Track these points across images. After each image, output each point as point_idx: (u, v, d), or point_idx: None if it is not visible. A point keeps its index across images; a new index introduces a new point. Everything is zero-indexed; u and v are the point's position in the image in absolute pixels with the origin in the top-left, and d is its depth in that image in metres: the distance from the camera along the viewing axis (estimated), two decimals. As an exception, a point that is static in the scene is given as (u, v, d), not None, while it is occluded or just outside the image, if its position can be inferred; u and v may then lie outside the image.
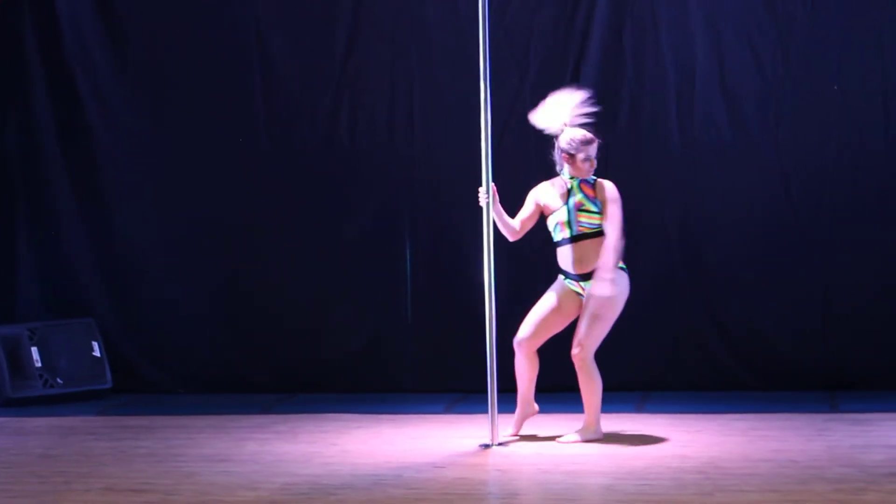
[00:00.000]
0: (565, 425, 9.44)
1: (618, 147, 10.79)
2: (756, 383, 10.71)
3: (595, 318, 9.09)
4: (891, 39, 10.60)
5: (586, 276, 9.12)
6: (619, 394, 10.41)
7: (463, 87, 9.60)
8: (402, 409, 10.32)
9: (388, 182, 10.99)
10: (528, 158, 10.57)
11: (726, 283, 10.79)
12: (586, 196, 9.16)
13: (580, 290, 9.17)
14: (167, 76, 11.17)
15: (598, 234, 9.10)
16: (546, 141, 10.67)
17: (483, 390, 9.13)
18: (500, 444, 9.06)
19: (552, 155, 9.27)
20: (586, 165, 9.20)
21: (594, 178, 9.23)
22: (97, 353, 11.07)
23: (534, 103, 10.63)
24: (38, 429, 10.02)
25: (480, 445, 9.09)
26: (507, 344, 9.27)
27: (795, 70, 10.70)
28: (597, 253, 9.05)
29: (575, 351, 9.10)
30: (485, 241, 9.05)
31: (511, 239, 9.28)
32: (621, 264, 9.09)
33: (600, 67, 10.80)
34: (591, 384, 9.17)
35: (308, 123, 11.10)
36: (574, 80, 10.75)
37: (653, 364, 10.76)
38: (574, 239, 9.14)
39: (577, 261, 9.15)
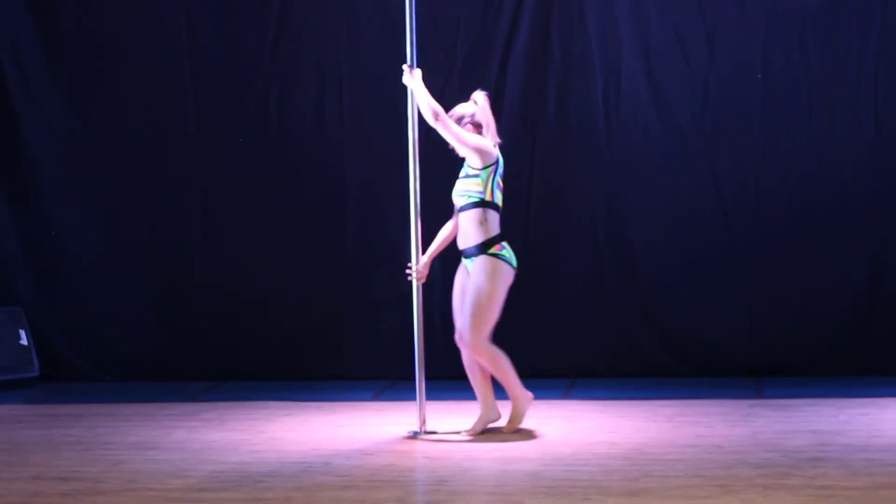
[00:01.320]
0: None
1: (545, 139, 10.84)
2: (682, 370, 10.77)
3: (472, 304, 8.78)
4: (813, 31, 10.67)
5: (465, 253, 8.92)
6: (546, 380, 10.47)
7: (391, 77, 9.57)
8: (330, 398, 10.32)
9: (317, 170, 10.97)
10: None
11: (653, 272, 10.84)
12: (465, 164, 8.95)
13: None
14: (96, 63, 11.11)
15: (473, 205, 8.79)
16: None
17: (412, 377, 9.12)
18: (427, 431, 9.06)
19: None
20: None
21: None
22: (24, 342, 11.02)
23: (461, 94, 10.65)
24: (-36, 417, 10.01)
25: (409, 433, 9.09)
26: (438, 331, 9.30)
27: (720, 58, 10.74)
28: (472, 228, 8.78)
29: (458, 337, 8.91)
30: (412, 222, 9.01)
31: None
32: (502, 251, 8.79)
33: (527, 59, 10.81)
34: (495, 365, 8.93)
35: (237, 111, 11.06)
36: (501, 72, 10.80)
37: (579, 351, 10.80)
38: (458, 211, 8.94)
39: (460, 235, 8.92)
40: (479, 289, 8.78)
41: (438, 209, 9.24)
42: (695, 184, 10.79)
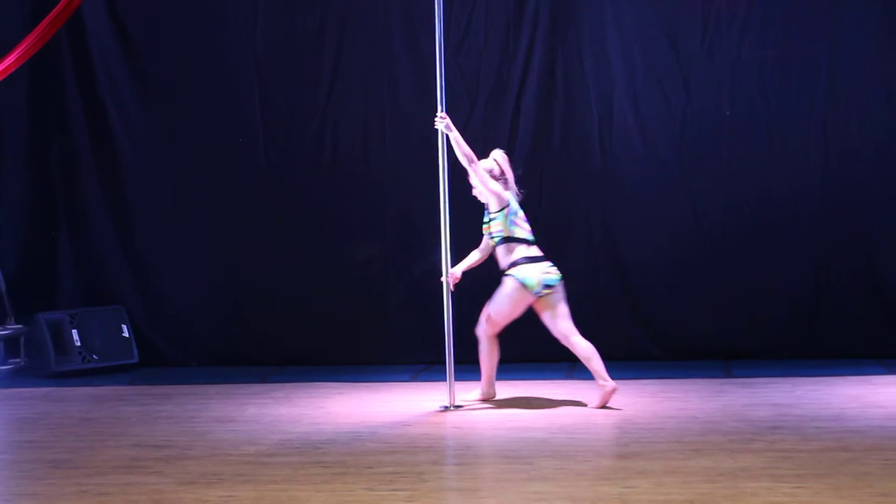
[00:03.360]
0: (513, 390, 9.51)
1: (551, 164, 10.83)
2: (663, 354, 10.73)
3: (495, 303, 9.05)
4: (770, 74, 10.65)
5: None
6: (552, 364, 10.43)
7: (424, 113, 9.59)
8: (375, 378, 10.30)
9: (364, 190, 10.97)
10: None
11: (639, 273, 10.78)
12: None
13: None
14: (180, 104, 11.10)
15: (501, 241, 9.05)
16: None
17: (443, 362, 9.16)
18: (456, 406, 9.08)
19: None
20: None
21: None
22: (126, 334, 11.03)
23: (483, 129, 10.73)
24: (78, 396, 10.00)
25: (441, 407, 9.11)
26: (463, 322, 9.30)
27: (695, 98, 10.72)
28: (502, 256, 9.05)
29: (479, 324, 9.14)
30: (442, 236, 9.05)
31: None
32: (517, 272, 8.97)
33: (537, 97, 10.80)
34: (488, 353, 9.13)
35: (297, 143, 11.07)
36: (515, 110, 10.81)
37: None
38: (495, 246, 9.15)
39: (498, 260, 9.15)
40: (500, 296, 9.00)
41: (462, 226, 9.31)
42: (673, 201, 10.76)
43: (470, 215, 9.33)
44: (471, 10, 10.82)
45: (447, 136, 8.99)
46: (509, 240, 9.03)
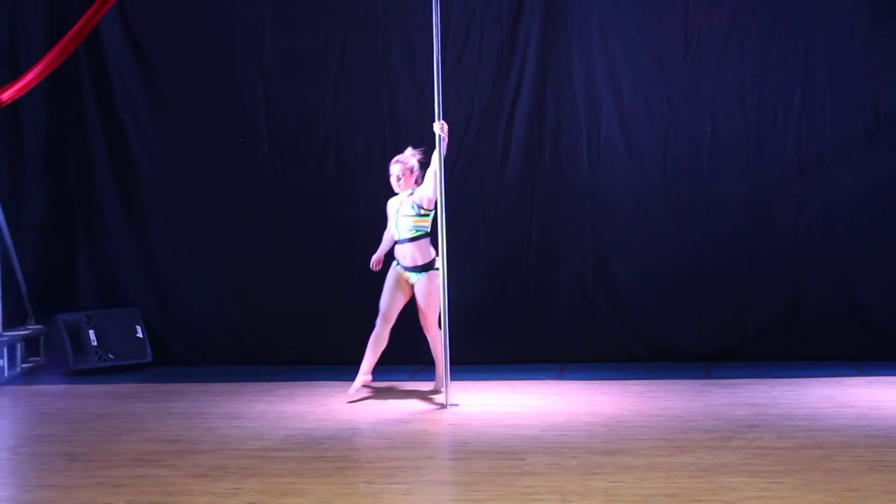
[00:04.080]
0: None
1: (542, 176, 10.82)
2: (648, 356, 10.72)
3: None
4: (750, 90, 10.64)
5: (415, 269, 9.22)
6: (543, 364, 10.45)
7: (423, 127, 9.59)
8: (375, 378, 10.26)
9: (366, 196, 10.91)
10: (475, 183, 10.70)
11: (625, 281, 10.76)
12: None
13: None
14: (192, 117, 11.08)
15: (423, 236, 9.17)
16: (493, 170, 10.80)
17: (439, 362, 9.16)
18: (452, 405, 9.07)
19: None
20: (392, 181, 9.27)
21: (412, 190, 9.27)
22: (140, 335, 11.02)
23: (478, 142, 10.71)
24: (94, 394, 9.99)
25: (437, 405, 9.12)
26: (461, 325, 9.29)
27: (678, 115, 10.72)
28: (423, 251, 9.19)
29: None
30: (440, 243, 9.05)
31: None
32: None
33: (528, 113, 10.79)
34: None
35: (302, 152, 11.04)
36: (508, 126, 10.81)
37: (570, 342, 10.74)
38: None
39: (410, 257, 9.24)
40: (433, 293, 9.20)
41: (457, 228, 9.30)
42: (658, 212, 10.73)
43: (463, 218, 9.27)
44: (466, 30, 10.82)
45: (440, 141, 8.98)
46: (427, 236, 9.13)
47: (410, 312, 10.85)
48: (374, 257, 9.53)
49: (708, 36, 10.64)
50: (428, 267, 9.21)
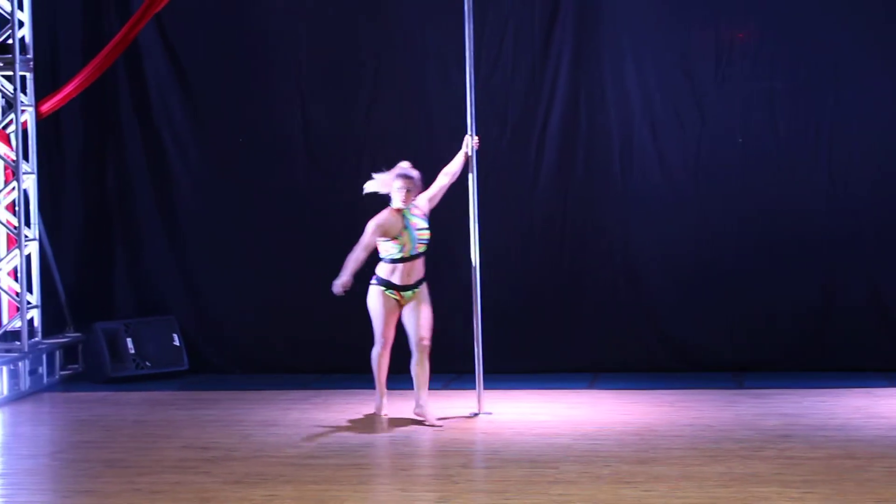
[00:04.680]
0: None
1: (575, 186, 10.82)
2: (680, 366, 10.67)
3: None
4: (780, 104, 10.62)
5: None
6: (575, 374, 10.44)
7: (457, 141, 9.61)
8: (409, 386, 10.26)
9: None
10: (507, 196, 10.71)
11: (656, 289, 10.73)
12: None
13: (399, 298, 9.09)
14: (228, 130, 11.13)
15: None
16: (523, 182, 10.80)
17: (472, 371, 9.15)
18: (484, 413, 9.07)
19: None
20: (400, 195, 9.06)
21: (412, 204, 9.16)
22: (177, 343, 11.04)
23: (511, 152, 10.74)
24: (132, 401, 10.03)
25: (470, 414, 9.12)
26: (493, 334, 9.27)
27: (709, 126, 10.69)
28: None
29: (425, 343, 9.06)
30: (473, 253, 9.06)
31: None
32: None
33: (561, 125, 10.77)
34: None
35: (338, 165, 11.05)
36: (542, 135, 10.82)
37: (602, 352, 10.71)
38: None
39: (416, 272, 9.08)
40: (429, 308, 9.10)
41: (489, 238, 9.30)
42: (689, 222, 10.71)
43: (495, 228, 9.26)
44: (499, 44, 10.83)
45: (474, 152, 8.98)
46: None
47: (441, 322, 10.91)
48: (343, 280, 8.91)
49: (738, 48, 10.62)
50: (423, 279, 9.19)
